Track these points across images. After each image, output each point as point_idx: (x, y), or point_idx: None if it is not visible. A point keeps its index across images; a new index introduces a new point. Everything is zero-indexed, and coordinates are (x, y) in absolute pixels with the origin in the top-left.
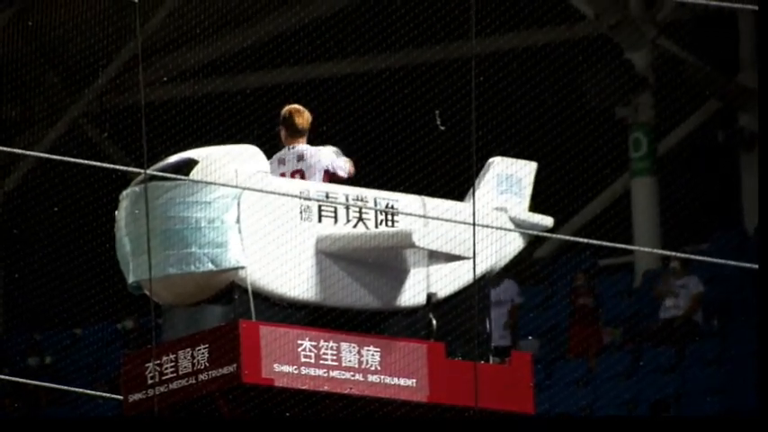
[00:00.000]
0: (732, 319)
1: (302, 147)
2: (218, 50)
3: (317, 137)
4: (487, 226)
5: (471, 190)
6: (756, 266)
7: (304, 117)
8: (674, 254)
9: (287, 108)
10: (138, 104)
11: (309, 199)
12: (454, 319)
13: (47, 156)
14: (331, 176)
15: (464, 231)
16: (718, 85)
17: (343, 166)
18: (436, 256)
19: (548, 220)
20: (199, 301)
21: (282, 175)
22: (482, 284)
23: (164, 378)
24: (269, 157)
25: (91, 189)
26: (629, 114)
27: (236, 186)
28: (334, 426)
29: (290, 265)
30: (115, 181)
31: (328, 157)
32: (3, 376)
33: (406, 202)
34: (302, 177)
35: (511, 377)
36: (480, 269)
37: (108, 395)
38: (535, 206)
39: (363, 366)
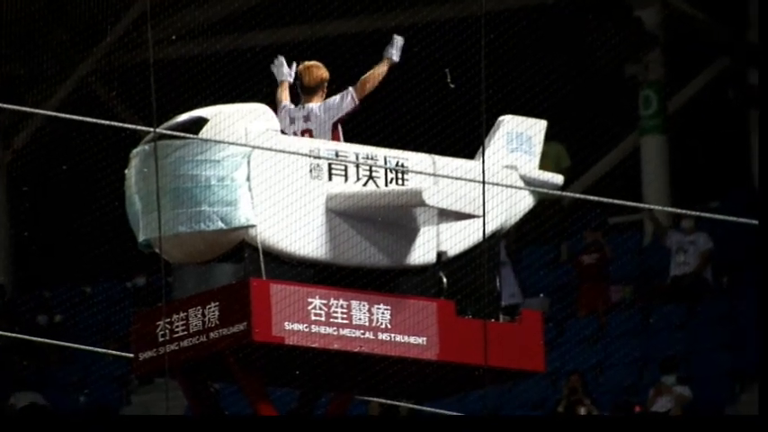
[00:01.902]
0: (742, 276)
1: (309, 106)
2: (228, 8)
3: (326, 96)
4: (497, 184)
5: (481, 148)
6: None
7: (313, 74)
8: (683, 212)
9: (300, 65)
10: (147, 62)
11: (319, 157)
12: (464, 278)
13: (55, 114)
14: (343, 122)
15: (474, 189)
16: (729, 42)
17: (346, 106)
18: (446, 215)
19: (558, 178)
20: (209, 259)
21: (293, 133)
22: (492, 243)
23: (174, 336)
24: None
25: (100, 147)
26: (639, 72)
27: (246, 145)
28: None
29: (301, 223)
30: (124, 139)
31: (334, 110)
32: (12, 334)
33: (416, 160)
34: (311, 137)
35: (521, 335)
36: (490, 227)
37: (118, 353)
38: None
39: (374, 324)
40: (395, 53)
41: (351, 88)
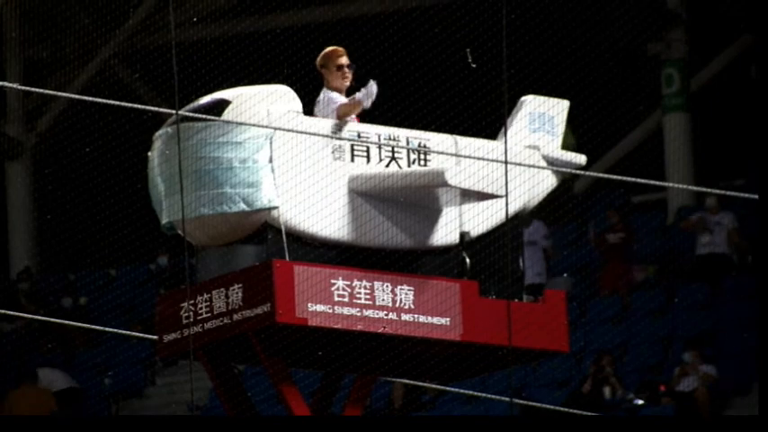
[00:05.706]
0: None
1: (324, 95)
2: None
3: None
4: (519, 164)
5: (503, 128)
6: None
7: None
8: (707, 190)
9: (334, 50)
10: (169, 45)
11: (341, 138)
12: (487, 258)
13: (79, 97)
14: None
15: (496, 170)
16: (751, 19)
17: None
18: (468, 195)
19: (580, 158)
20: (232, 241)
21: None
22: (515, 223)
23: (198, 318)
24: (300, 97)
25: (123, 130)
26: (662, 50)
27: (268, 126)
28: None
29: (323, 204)
30: (147, 122)
31: (331, 107)
32: (38, 317)
33: (438, 140)
34: None
35: (545, 315)
36: (513, 207)
37: (142, 335)
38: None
39: (397, 305)
40: (366, 100)
41: (336, 104)
